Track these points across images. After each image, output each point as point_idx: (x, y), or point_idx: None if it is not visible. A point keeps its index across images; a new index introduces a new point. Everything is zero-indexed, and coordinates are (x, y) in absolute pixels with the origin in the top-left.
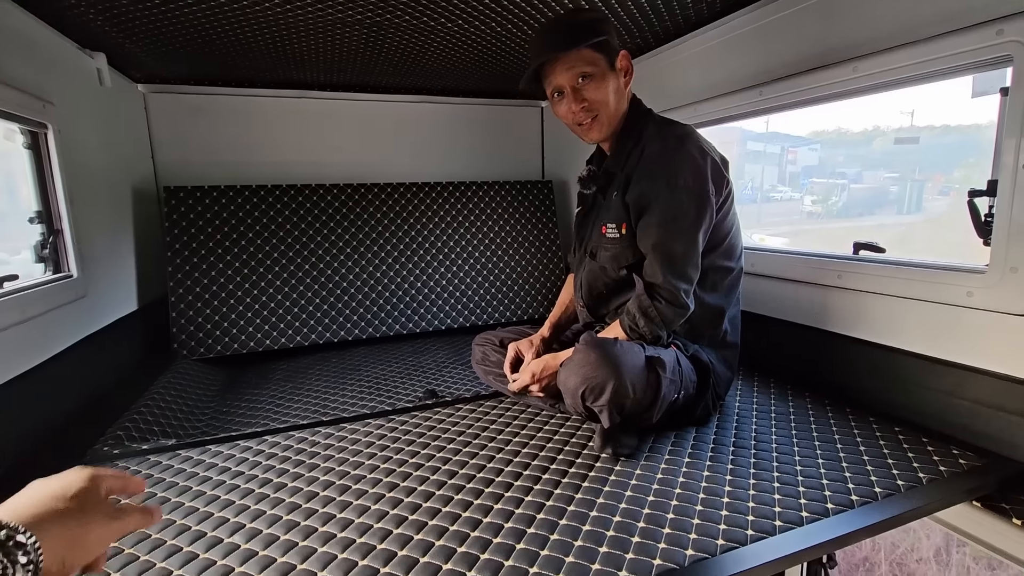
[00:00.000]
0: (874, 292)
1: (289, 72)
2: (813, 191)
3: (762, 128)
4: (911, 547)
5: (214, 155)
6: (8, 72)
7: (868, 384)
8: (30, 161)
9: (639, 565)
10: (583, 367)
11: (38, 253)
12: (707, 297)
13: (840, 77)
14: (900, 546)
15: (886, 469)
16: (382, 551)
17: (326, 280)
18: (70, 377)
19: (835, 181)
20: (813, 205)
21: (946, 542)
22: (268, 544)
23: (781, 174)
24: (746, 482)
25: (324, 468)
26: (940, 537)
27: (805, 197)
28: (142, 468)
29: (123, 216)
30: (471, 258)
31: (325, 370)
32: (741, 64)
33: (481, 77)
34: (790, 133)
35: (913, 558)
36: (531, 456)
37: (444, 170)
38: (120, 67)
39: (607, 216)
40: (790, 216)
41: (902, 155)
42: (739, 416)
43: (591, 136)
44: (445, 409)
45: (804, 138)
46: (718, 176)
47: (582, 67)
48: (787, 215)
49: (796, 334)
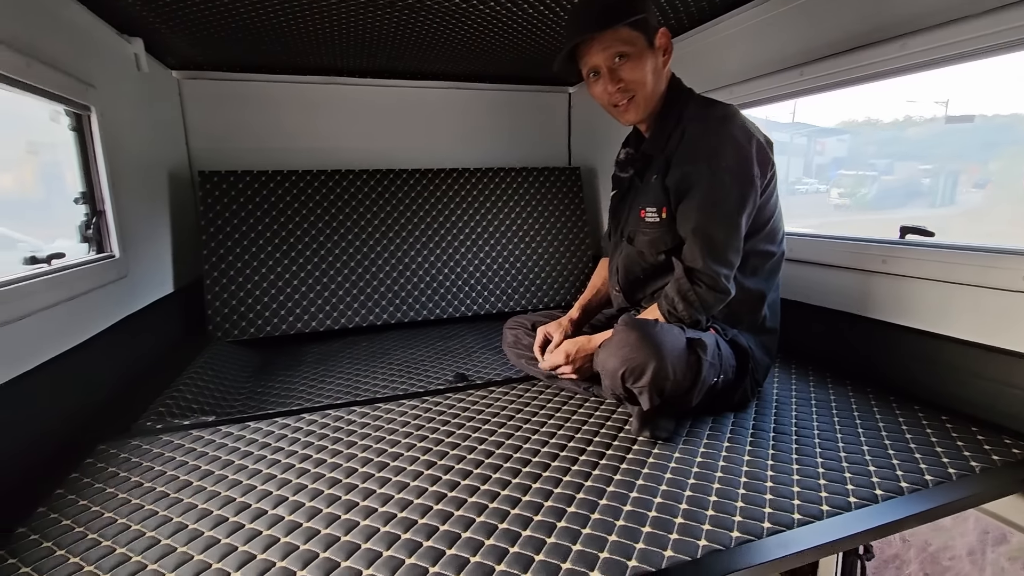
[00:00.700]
0: (921, 277)
1: (320, 58)
2: (841, 183)
3: (787, 118)
4: (943, 545)
5: (246, 141)
6: (55, 55)
7: (913, 372)
8: (75, 143)
9: (684, 545)
10: (623, 348)
11: (82, 233)
12: (747, 281)
13: (888, 55)
14: (932, 544)
15: (935, 457)
16: (424, 525)
17: (356, 265)
18: (113, 355)
19: (864, 173)
20: (841, 198)
21: (980, 541)
22: (311, 516)
23: (807, 166)
24: (789, 467)
25: (361, 446)
26: (974, 536)
27: (832, 189)
28: (185, 442)
29: (160, 199)
30: (499, 244)
31: (356, 353)
32: (781, 44)
33: (510, 62)
34: (817, 124)
35: (945, 556)
36: (566, 438)
37: (472, 156)
38: (155, 53)
39: (646, 200)
40: (817, 209)
41: (949, 138)
42: (778, 403)
43: (627, 118)
44: (478, 392)
45: (832, 128)
46: (763, 158)
47: (619, 46)
48: (813, 208)
49: (836, 321)
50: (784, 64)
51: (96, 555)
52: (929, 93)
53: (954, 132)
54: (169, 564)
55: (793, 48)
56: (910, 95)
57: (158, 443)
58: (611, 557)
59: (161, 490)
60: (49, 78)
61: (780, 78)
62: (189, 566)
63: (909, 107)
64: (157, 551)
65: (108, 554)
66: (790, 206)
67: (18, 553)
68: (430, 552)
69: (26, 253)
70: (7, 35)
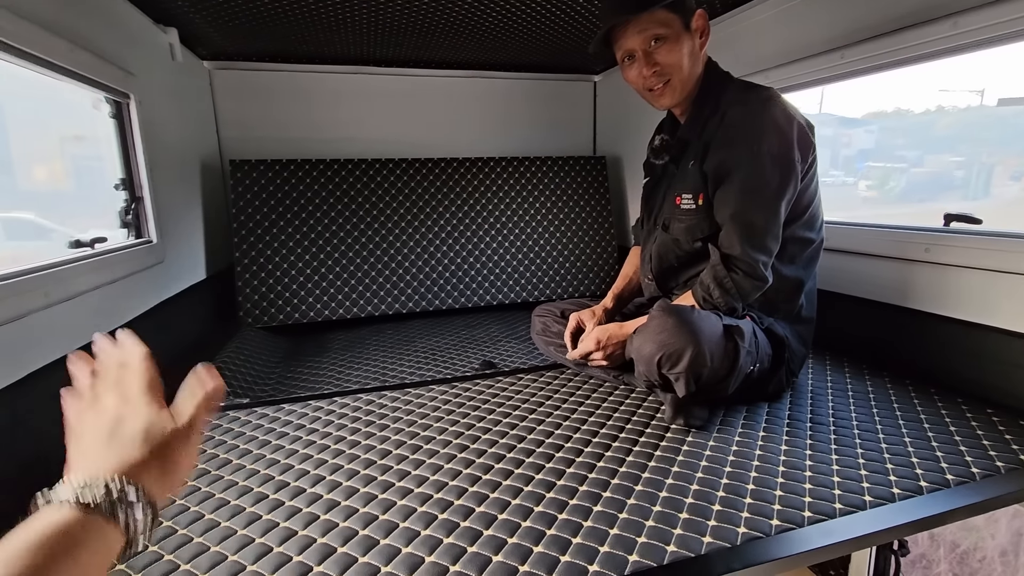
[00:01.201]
0: (967, 266)
1: (347, 47)
2: (869, 175)
3: (815, 109)
4: (973, 546)
5: (275, 130)
6: (96, 43)
7: (956, 364)
8: (115, 130)
9: (723, 532)
10: (660, 333)
11: (122, 218)
12: (785, 269)
13: (937, 35)
14: (961, 544)
15: (982, 450)
16: (460, 506)
17: (382, 253)
18: (150, 338)
19: (893, 165)
20: (868, 190)
21: (1013, 543)
22: (349, 495)
23: (834, 157)
24: (828, 457)
25: (394, 428)
26: (1006, 537)
27: (860, 182)
28: (222, 423)
29: (193, 187)
30: (523, 234)
31: (382, 340)
32: (820, 26)
33: (536, 50)
34: (844, 114)
35: (975, 557)
36: (598, 425)
37: (497, 145)
38: (188, 44)
39: (682, 186)
40: (844, 202)
41: (987, 128)
42: (813, 393)
43: (662, 102)
44: (506, 379)
45: (859, 119)
46: (805, 142)
47: (655, 29)
48: (841, 201)
49: (873, 311)
50: (823, 47)
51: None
52: (964, 80)
53: (994, 120)
54: (214, 538)
55: (833, 30)
56: (942, 83)
57: None
58: (648, 542)
59: (202, 467)
60: (91, 65)
61: (819, 61)
62: (233, 540)
63: (941, 96)
64: (201, 525)
65: None
66: None
67: None
68: (467, 532)
69: (64, 244)
70: (52, 21)
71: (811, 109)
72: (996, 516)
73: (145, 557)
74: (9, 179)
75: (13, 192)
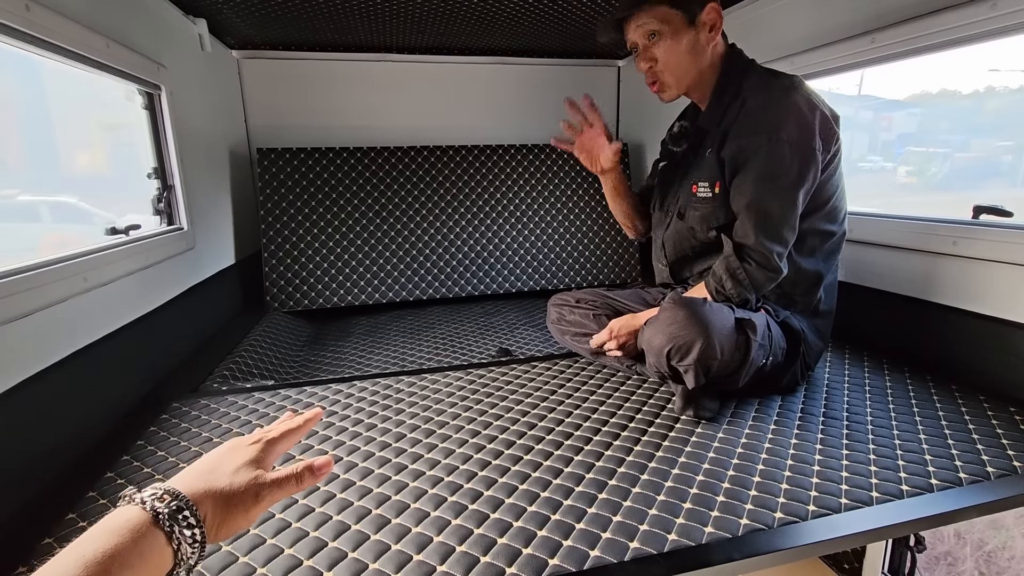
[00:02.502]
0: (997, 260)
1: (370, 35)
2: (909, 161)
3: (853, 91)
4: (1002, 544)
5: (302, 118)
6: (130, 37)
7: (980, 361)
8: (147, 121)
9: (725, 523)
10: (670, 325)
11: (155, 206)
12: (803, 262)
13: (976, 17)
14: (989, 543)
15: (1000, 449)
16: (469, 490)
17: (403, 240)
18: (182, 321)
19: (935, 149)
20: (908, 177)
21: None
22: (364, 476)
23: (873, 142)
24: (839, 452)
25: (409, 412)
26: None
27: (899, 168)
28: (248, 403)
29: (221, 175)
30: (543, 222)
31: (402, 326)
32: (849, 8)
33: (558, 35)
34: (884, 96)
35: (1004, 556)
36: (609, 414)
37: (519, 132)
38: (217, 33)
39: (699, 174)
40: (881, 188)
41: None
42: (829, 387)
43: (663, 98)
44: (520, 366)
45: (900, 102)
46: (827, 131)
47: (652, 25)
48: (878, 187)
49: (895, 305)
50: (852, 31)
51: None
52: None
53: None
54: None
55: (862, 13)
56: (993, 63)
57: (224, 403)
58: (651, 530)
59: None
60: (126, 59)
61: (847, 46)
62: None
63: (992, 77)
64: None
65: None
66: (851, 185)
67: (104, 492)
68: (475, 515)
69: (105, 225)
70: (88, 18)
71: (850, 91)
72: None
73: None
74: (53, 164)
75: (57, 177)
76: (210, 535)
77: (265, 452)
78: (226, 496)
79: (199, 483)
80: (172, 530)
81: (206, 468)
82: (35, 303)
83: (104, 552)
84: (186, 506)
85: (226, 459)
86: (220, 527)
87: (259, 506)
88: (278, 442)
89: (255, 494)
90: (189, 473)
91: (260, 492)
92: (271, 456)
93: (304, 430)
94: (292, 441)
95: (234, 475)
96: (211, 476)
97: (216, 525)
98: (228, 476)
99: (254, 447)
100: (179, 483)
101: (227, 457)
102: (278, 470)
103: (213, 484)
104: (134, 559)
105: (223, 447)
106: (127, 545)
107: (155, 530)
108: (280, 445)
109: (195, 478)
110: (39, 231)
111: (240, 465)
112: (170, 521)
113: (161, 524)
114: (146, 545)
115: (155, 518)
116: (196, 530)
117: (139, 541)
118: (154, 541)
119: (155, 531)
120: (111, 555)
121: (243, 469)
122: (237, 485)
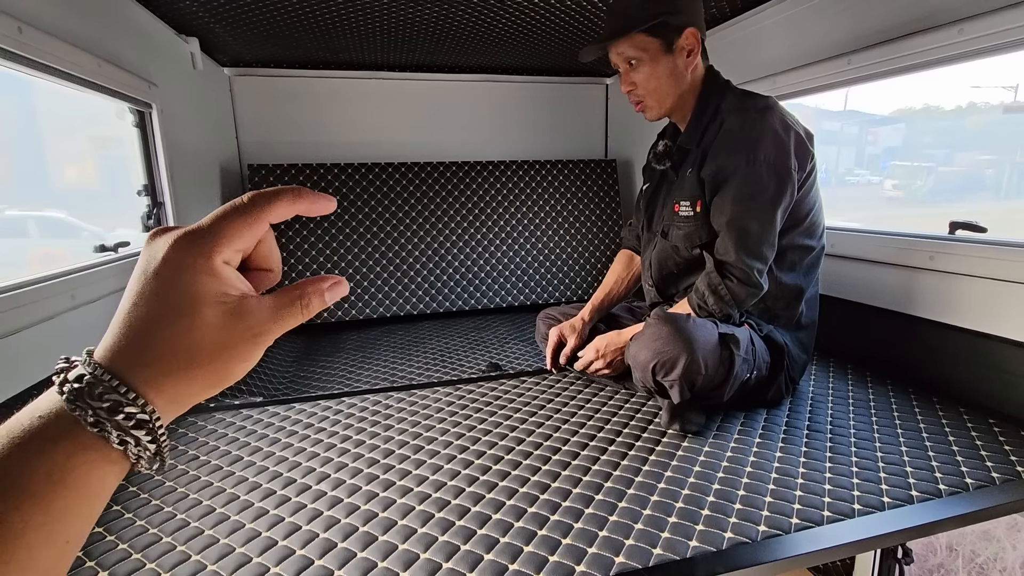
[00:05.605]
0: (972, 275)
1: (361, 53)
2: (895, 174)
3: (839, 106)
4: (994, 556)
5: (293, 135)
6: (123, 56)
7: (959, 373)
8: (138, 139)
9: (710, 536)
10: (655, 341)
11: (144, 223)
12: (784, 276)
13: (943, 41)
14: (981, 555)
15: (979, 461)
16: (456, 506)
17: (393, 256)
18: None
19: (920, 163)
20: (894, 190)
21: None
22: (352, 493)
23: (859, 156)
24: (822, 464)
25: (398, 429)
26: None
27: (886, 181)
28: (236, 420)
29: (212, 191)
30: (533, 236)
31: (392, 341)
32: (827, 31)
33: (548, 53)
34: (870, 112)
35: (995, 568)
36: (596, 429)
37: (508, 149)
38: (209, 52)
39: (680, 193)
40: (868, 202)
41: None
42: (813, 400)
43: (648, 116)
44: (510, 381)
45: (885, 117)
46: (802, 150)
47: (630, 52)
48: (864, 201)
49: (878, 319)
50: (831, 52)
51: (158, 520)
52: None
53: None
54: (223, 531)
55: (840, 35)
56: (974, 80)
57: (212, 420)
58: (636, 544)
59: (215, 463)
60: (118, 78)
61: (826, 67)
62: (240, 533)
63: (973, 93)
64: (212, 519)
65: (168, 519)
66: (839, 198)
67: None
68: (462, 531)
69: (94, 242)
70: (81, 39)
71: (836, 107)
72: (1019, 526)
73: (163, 546)
74: (42, 179)
75: (45, 192)
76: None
77: (231, 247)
78: (199, 360)
79: (152, 350)
80: (105, 432)
81: (156, 312)
82: (21, 321)
83: None
84: (128, 400)
85: (177, 287)
86: (196, 396)
87: (257, 350)
88: (257, 218)
89: (252, 336)
90: (130, 327)
91: (258, 334)
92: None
93: (308, 207)
94: (281, 212)
95: (202, 315)
96: (171, 329)
97: (189, 395)
98: (192, 320)
99: (211, 243)
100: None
101: (177, 282)
102: (276, 293)
103: (175, 346)
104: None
105: (156, 260)
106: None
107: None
108: (257, 225)
109: (143, 337)
110: (27, 246)
111: (206, 295)
112: (97, 424)
113: (84, 422)
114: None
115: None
116: (145, 428)
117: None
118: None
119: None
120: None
121: (213, 303)
122: (214, 336)
